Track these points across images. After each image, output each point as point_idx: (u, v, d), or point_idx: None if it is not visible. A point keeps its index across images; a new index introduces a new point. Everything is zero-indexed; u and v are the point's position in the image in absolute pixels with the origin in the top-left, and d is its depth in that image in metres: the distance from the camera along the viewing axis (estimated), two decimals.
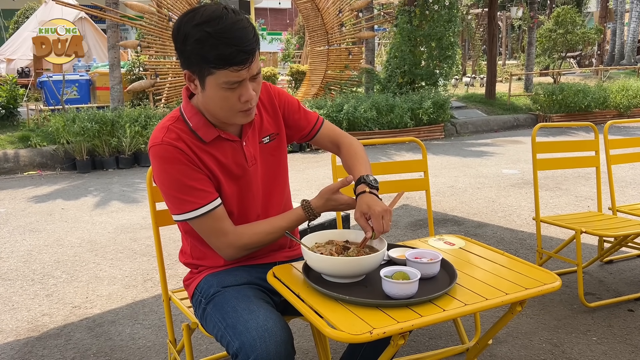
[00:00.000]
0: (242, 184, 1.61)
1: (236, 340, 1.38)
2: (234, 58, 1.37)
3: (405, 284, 1.35)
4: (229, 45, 1.36)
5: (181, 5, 8.51)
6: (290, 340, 1.40)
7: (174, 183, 1.50)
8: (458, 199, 5.22)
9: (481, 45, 18.27)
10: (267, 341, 1.34)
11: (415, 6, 9.99)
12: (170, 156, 1.48)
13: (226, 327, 1.45)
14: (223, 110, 1.48)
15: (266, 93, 1.69)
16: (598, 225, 2.90)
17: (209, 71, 1.40)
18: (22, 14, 16.72)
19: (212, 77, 1.41)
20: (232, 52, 1.36)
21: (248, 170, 1.61)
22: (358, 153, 1.75)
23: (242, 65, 1.39)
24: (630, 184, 5.67)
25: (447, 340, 2.53)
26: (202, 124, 1.54)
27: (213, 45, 1.35)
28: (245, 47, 1.37)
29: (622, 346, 2.46)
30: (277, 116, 1.70)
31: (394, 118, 8.91)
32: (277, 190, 1.71)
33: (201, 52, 1.37)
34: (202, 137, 1.53)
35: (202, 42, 1.36)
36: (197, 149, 1.52)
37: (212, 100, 1.46)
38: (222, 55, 1.36)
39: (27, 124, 8.11)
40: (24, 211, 5.07)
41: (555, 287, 1.46)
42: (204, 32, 1.36)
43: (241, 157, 1.60)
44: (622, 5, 19.73)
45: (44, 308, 3.00)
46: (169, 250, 3.80)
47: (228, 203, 1.59)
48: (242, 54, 1.37)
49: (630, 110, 11.41)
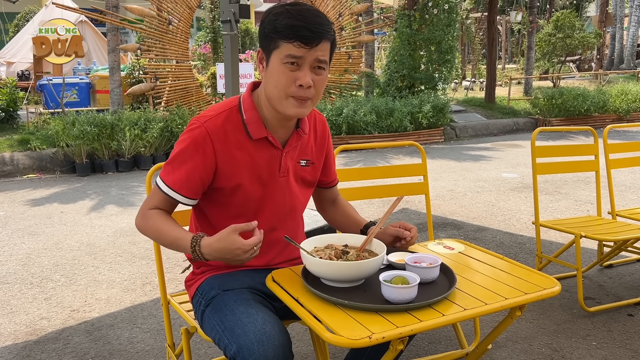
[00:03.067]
0: (266, 191, 1.63)
1: (234, 344, 1.38)
2: (300, 32, 1.44)
3: (404, 288, 1.34)
4: (299, 20, 1.45)
5: (181, 9, 8.53)
6: (288, 345, 1.40)
7: (179, 157, 1.55)
8: (458, 203, 5.21)
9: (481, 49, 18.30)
10: (265, 345, 1.34)
11: (415, 10, 10.02)
12: (198, 140, 1.53)
13: (224, 330, 1.44)
14: (277, 88, 1.50)
15: (322, 126, 1.76)
16: (598, 230, 2.90)
17: (276, 44, 1.47)
18: (23, 17, 16.74)
19: (277, 50, 1.48)
20: (300, 25, 1.44)
21: (277, 181, 1.63)
22: (352, 208, 1.90)
23: (306, 42, 1.45)
24: (629, 188, 5.67)
25: (446, 345, 2.52)
26: (255, 119, 1.57)
27: (286, 17, 1.46)
28: (313, 26, 1.45)
29: (622, 351, 2.45)
30: (321, 150, 1.75)
31: (393, 122, 8.91)
32: (295, 213, 1.73)
33: (274, 23, 1.47)
34: (250, 133, 1.57)
35: (279, 15, 1.48)
36: (236, 143, 1.56)
37: (272, 76, 1.50)
38: (290, 25, 1.45)
39: (26, 127, 8.11)
40: (23, 214, 5.07)
41: (555, 292, 1.46)
42: (283, 9, 1.48)
43: (275, 166, 1.62)
44: (621, 10, 19.77)
45: (43, 311, 3.00)
46: (168, 253, 3.79)
47: (245, 205, 1.61)
48: (309, 32, 1.45)
49: (630, 115, 11.42)
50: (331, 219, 1.91)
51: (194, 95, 8.88)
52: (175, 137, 7.58)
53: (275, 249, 1.70)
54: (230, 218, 1.62)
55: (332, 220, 1.91)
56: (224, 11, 3.85)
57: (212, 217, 1.65)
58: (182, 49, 8.70)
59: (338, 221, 1.89)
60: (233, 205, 1.61)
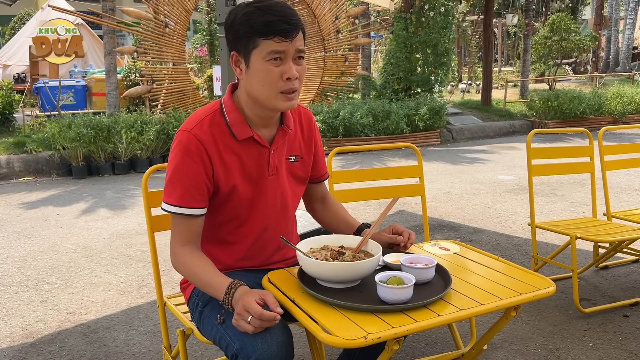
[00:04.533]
0: (257, 191, 1.63)
1: (236, 341, 1.38)
2: (278, 26, 1.45)
3: (400, 289, 1.35)
4: (274, 15, 1.46)
5: (178, 12, 8.54)
6: (290, 343, 1.40)
7: (178, 172, 1.53)
8: (454, 205, 5.23)
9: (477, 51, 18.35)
10: (268, 342, 1.34)
11: (412, 13, 10.04)
12: (191, 148, 1.52)
13: (225, 328, 1.44)
14: (265, 87, 1.50)
15: (307, 119, 1.75)
16: (593, 231, 2.91)
17: (255, 43, 1.47)
18: (19, 20, 16.72)
19: (257, 50, 1.48)
20: (277, 20, 1.46)
21: (267, 179, 1.63)
22: (344, 208, 1.89)
23: (286, 35, 1.46)
24: (624, 190, 5.70)
25: (442, 346, 2.53)
26: (238, 120, 1.57)
27: (260, 15, 1.47)
28: (289, 18, 1.47)
29: (618, 352, 2.46)
30: (309, 144, 1.75)
31: (390, 124, 8.93)
32: (288, 211, 1.73)
33: (249, 22, 1.47)
34: (235, 134, 1.57)
35: (250, 14, 1.48)
36: (223, 147, 1.56)
37: (256, 76, 1.50)
38: (268, 21, 1.45)
39: (22, 129, 8.09)
40: (19, 217, 5.06)
41: (550, 292, 1.46)
42: (252, 7, 1.49)
43: (264, 164, 1.62)
44: (616, 13, 19.86)
45: (39, 314, 2.99)
46: (164, 256, 3.78)
47: (239, 206, 1.61)
48: (286, 25, 1.46)
49: (625, 117, 11.46)
50: (322, 219, 1.90)
51: (190, 97, 8.88)
52: (171, 139, 7.57)
53: (269, 249, 1.70)
54: (224, 223, 1.63)
55: (323, 220, 1.90)
56: (221, 14, 3.86)
57: (206, 223, 1.64)
58: (178, 52, 8.70)
59: (329, 222, 1.88)
60: (227, 209, 1.62)
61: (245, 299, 1.35)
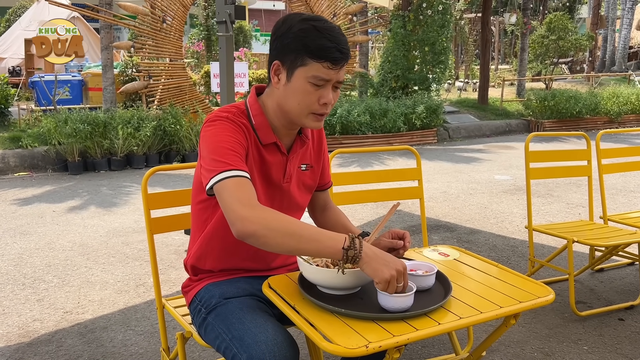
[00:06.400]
0: (270, 194, 1.64)
1: (244, 353, 1.38)
2: (332, 53, 1.46)
3: (401, 297, 1.35)
4: (330, 40, 1.46)
5: (175, 7, 8.49)
6: (297, 356, 1.41)
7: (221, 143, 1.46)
8: (450, 205, 5.24)
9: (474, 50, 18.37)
10: (276, 356, 1.34)
11: (409, 11, 10.04)
12: (231, 120, 1.51)
13: (232, 338, 1.44)
14: (300, 106, 1.51)
15: (318, 131, 1.77)
16: (590, 235, 2.93)
17: (303, 61, 1.47)
18: (14, 12, 16.60)
19: (303, 68, 1.47)
20: (332, 47, 1.46)
21: (281, 186, 1.65)
22: (345, 215, 1.89)
23: (335, 63, 1.47)
24: (620, 192, 5.72)
25: (439, 349, 2.54)
26: (264, 125, 1.58)
27: (317, 36, 1.46)
28: (342, 47, 1.48)
29: (613, 355, 2.48)
30: (318, 154, 1.77)
31: (387, 122, 8.93)
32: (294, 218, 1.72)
33: (304, 40, 1.46)
34: (260, 138, 1.57)
35: (307, 32, 1.46)
36: (252, 143, 1.56)
37: (294, 93, 1.50)
38: (323, 46, 1.45)
39: (18, 124, 8.05)
40: (14, 213, 5.03)
41: (549, 300, 1.47)
42: (310, 25, 1.47)
43: (281, 170, 1.63)
44: (613, 12, 19.89)
45: (35, 313, 2.98)
46: (162, 255, 3.78)
47: None
48: (339, 53, 1.47)
49: (621, 117, 11.51)
50: (323, 226, 1.90)
51: (187, 93, 8.84)
52: (168, 135, 7.55)
53: (272, 254, 1.70)
54: None
55: (324, 227, 1.89)
56: (220, 12, 3.85)
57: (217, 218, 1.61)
58: (175, 47, 8.66)
59: (330, 229, 1.87)
60: None
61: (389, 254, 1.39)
